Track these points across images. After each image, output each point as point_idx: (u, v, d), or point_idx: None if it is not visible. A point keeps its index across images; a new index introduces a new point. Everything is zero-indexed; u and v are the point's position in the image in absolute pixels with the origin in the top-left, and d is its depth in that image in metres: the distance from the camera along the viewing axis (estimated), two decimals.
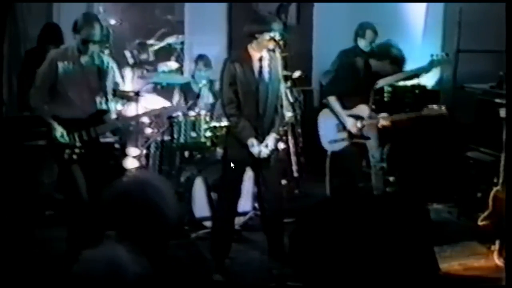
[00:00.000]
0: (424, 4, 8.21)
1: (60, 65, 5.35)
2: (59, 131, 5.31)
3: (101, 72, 5.43)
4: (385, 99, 7.17)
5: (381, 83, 6.84)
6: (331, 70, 7.17)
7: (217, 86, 7.47)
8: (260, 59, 5.27)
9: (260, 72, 5.32)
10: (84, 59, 5.39)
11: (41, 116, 5.48)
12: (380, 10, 7.84)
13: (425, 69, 6.57)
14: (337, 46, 6.99)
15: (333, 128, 6.45)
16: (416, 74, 6.87)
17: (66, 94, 5.39)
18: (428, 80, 7.91)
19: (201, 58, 7.57)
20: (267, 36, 5.20)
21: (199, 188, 6.43)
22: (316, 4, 8.38)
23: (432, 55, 6.45)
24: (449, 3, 8.02)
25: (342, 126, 6.35)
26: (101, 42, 5.50)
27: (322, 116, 6.53)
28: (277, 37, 5.17)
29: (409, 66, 7.15)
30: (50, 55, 5.47)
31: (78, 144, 5.35)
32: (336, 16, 8.07)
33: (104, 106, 5.51)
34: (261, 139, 5.34)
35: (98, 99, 5.48)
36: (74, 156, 5.35)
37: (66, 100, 5.40)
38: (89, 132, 5.41)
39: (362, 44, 7.08)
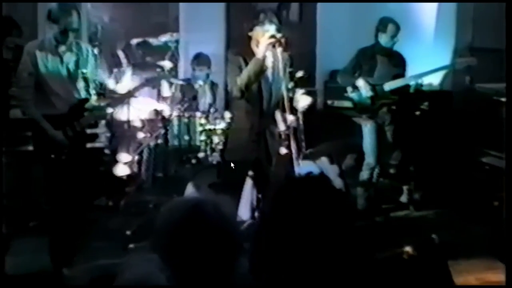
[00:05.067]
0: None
1: (39, 57, 5.31)
2: (51, 131, 5.26)
3: (81, 61, 5.42)
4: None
5: (388, 85, 6.95)
6: (348, 69, 7.11)
7: (219, 87, 7.67)
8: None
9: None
10: (62, 49, 5.36)
11: (31, 118, 5.39)
12: (388, 6, 7.78)
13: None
14: (342, 44, 6.98)
15: None
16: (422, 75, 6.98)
17: (48, 88, 5.33)
18: (440, 80, 7.96)
19: (198, 57, 7.57)
20: (260, 30, 5.18)
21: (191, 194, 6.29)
22: None
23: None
24: None
25: None
26: (79, 29, 5.48)
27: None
28: (271, 32, 5.12)
29: (420, 65, 7.25)
30: (26, 48, 5.40)
31: (65, 142, 5.30)
32: (341, 12, 8.09)
33: (87, 96, 5.47)
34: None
35: (80, 90, 5.46)
36: (63, 156, 5.29)
37: (49, 95, 5.34)
38: (74, 127, 5.36)
39: (383, 39, 6.98)
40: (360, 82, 6.93)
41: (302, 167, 5.55)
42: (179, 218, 2.26)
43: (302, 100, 5.47)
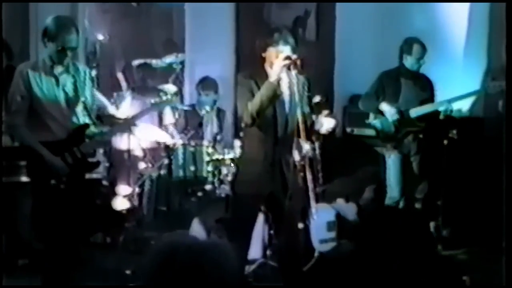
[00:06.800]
0: (466, 13, 7.95)
1: (33, 78, 5.17)
2: (49, 156, 5.12)
3: (78, 84, 5.28)
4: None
5: (415, 111, 6.92)
6: (370, 93, 7.05)
7: (226, 114, 7.61)
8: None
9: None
10: (58, 70, 5.21)
11: (24, 144, 5.28)
12: (414, 25, 7.65)
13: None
14: (363, 66, 6.89)
15: (324, 226, 6.37)
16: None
17: (44, 111, 5.20)
18: (471, 105, 7.79)
19: (204, 80, 7.47)
20: (273, 51, 5.04)
21: (197, 231, 6.28)
22: (338, 16, 8.17)
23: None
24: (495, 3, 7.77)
25: (333, 224, 6.33)
26: (77, 48, 5.38)
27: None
28: (286, 52, 4.99)
29: (448, 89, 7.16)
30: (19, 69, 5.26)
31: (65, 169, 5.14)
32: (362, 31, 7.92)
33: (87, 120, 5.33)
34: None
35: (78, 114, 5.32)
36: (62, 186, 5.13)
37: (45, 119, 5.21)
38: (74, 153, 5.21)
39: (409, 62, 6.92)
40: (384, 106, 6.86)
41: (318, 210, 5.45)
42: (158, 265, 2.13)
43: (327, 123, 5.39)
